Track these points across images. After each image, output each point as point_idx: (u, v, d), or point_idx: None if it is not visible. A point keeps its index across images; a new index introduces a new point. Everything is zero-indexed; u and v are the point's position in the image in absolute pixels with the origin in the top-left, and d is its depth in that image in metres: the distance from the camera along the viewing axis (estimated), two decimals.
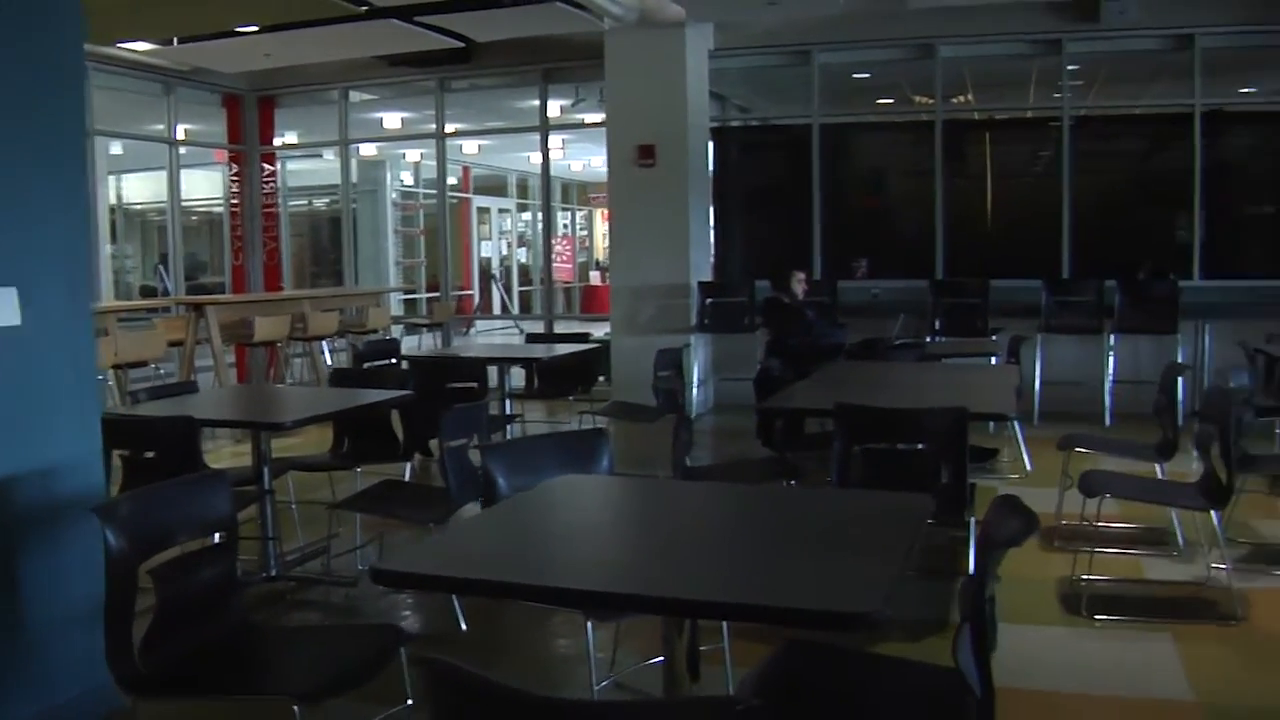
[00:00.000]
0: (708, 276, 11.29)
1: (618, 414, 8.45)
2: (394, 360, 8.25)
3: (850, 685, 3.03)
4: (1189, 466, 6.59)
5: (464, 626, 5.04)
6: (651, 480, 4.84)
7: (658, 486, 4.32)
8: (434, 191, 15.53)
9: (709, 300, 10.81)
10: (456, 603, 5.13)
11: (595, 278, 23.36)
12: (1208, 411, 5.44)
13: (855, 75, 12.62)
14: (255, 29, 11.06)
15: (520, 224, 23.39)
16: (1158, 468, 6.06)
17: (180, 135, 13.67)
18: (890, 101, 13.27)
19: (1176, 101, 11.22)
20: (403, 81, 13.49)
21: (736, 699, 1.79)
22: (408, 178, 20.13)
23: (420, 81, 13.27)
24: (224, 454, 8.99)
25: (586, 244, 25.23)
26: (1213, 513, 5.16)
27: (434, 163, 14.23)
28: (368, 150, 16.71)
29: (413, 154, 19.07)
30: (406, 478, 6.98)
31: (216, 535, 3.61)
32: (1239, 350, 8.17)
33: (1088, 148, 11.53)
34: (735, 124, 13.08)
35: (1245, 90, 12.36)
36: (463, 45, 11.97)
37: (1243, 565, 5.80)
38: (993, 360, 8.50)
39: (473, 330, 18.84)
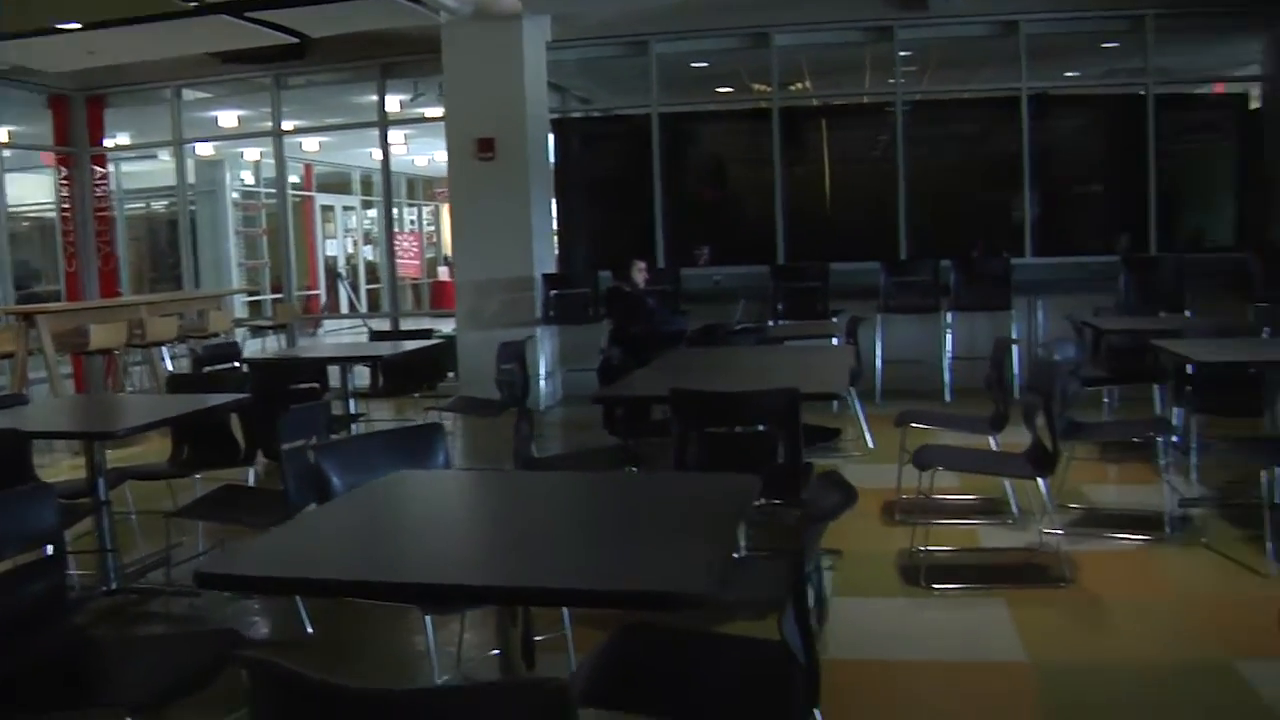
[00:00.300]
0: (551, 268, 11.26)
1: (464, 409, 8.39)
2: (235, 364, 8.05)
3: (683, 663, 3.04)
4: (1021, 437, 6.79)
5: (310, 629, 4.95)
6: (488, 473, 4.83)
7: (494, 479, 4.31)
8: (276, 190, 15.24)
9: (553, 292, 10.80)
10: (301, 606, 5.04)
11: (444, 273, 23.14)
12: (1033, 384, 5.61)
13: (694, 65, 12.72)
14: (78, 26, 10.69)
15: (366, 221, 23.06)
16: (991, 439, 6.22)
17: (3, 137, 13.17)
18: (730, 90, 13.40)
19: (1004, 86, 11.56)
20: (237, 79, 13.17)
21: (548, 680, 1.78)
22: (248, 177, 19.68)
23: (255, 78, 12.98)
24: (62, 467, 8.68)
25: (434, 239, 24.99)
26: (1040, 480, 5.31)
27: (274, 161, 13.95)
28: (205, 150, 16.29)
29: (252, 153, 18.65)
30: (251, 482, 6.82)
31: (49, 548, 3.48)
32: (1069, 324, 8.45)
33: (921, 132, 11.80)
34: (576, 115, 13.08)
35: (1070, 74, 12.77)
36: (297, 41, 11.73)
37: (1074, 530, 6.00)
38: (834, 341, 8.65)
39: (321, 330, 18.53)
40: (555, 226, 11.86)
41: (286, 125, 13.60)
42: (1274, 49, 10.99)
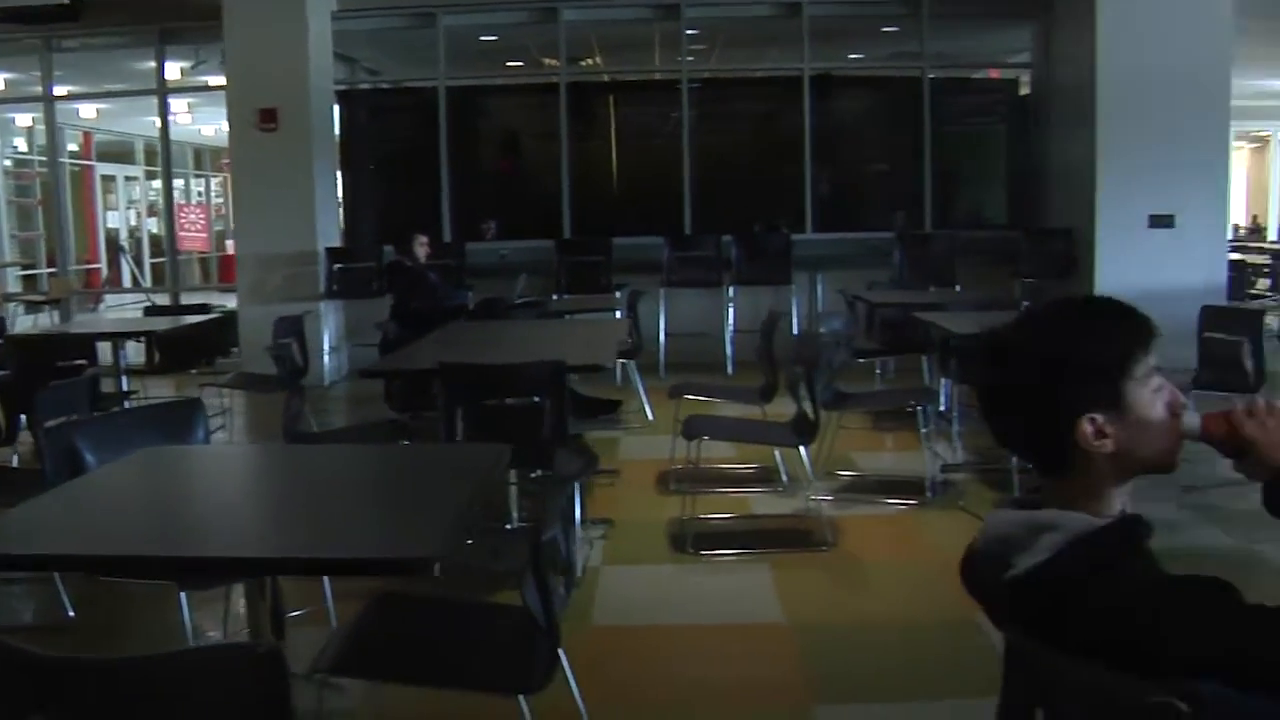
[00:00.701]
0: (336, 242, 11.05)
1: (243, 385, 8.19)
2: None
3: (432, 631, 3.05)
4: (792, 408, 6.97)
5: (70, 613, 4.77)
6: (248, 447, 4.72)
7: (253, 453, 4.25)
8: (47, 159, 14.55)
9: (337, 266, 10.60)
10: (61, 589, 4.86)
11: (231, 246, 22.47)
12: (798, 355, 5.76)
13: (483, 38, 12.62)
14: None
15: (151, 193, 22.24)
16: (762, 410, 6.36)
17: None
18: (519, 64, 13.35)
19: (788, 66, 11.78)
20: (3, 40, 12.51)
21: (251, 643, 1.77)
22: (22, 144, 18.76)
23: (24, 39, 12.35)
24: None
25: (223, 212, 24.26)
26: (803, 448, 5.47)
27: (45, 128, 13.29)
28: None
29: (24, 118, 17.77)
30: (15, 463, 6.55)
31: None
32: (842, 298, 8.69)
33: (708, 110, 11.97)
34: (364, 87, 12.85)
35: (852, 56, 13.13)
36: (68, 2, 11.22)
37: (841, 496, 6.21)
38: (616, 315, 8.73)
39: (103, 306, 17.80)
40: (341, 199, 11.64)
41: (59, 90, 13.00)
42: (1042, 38, 11.48)
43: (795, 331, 9.94)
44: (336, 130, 11.46)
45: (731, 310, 10.59)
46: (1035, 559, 1.74)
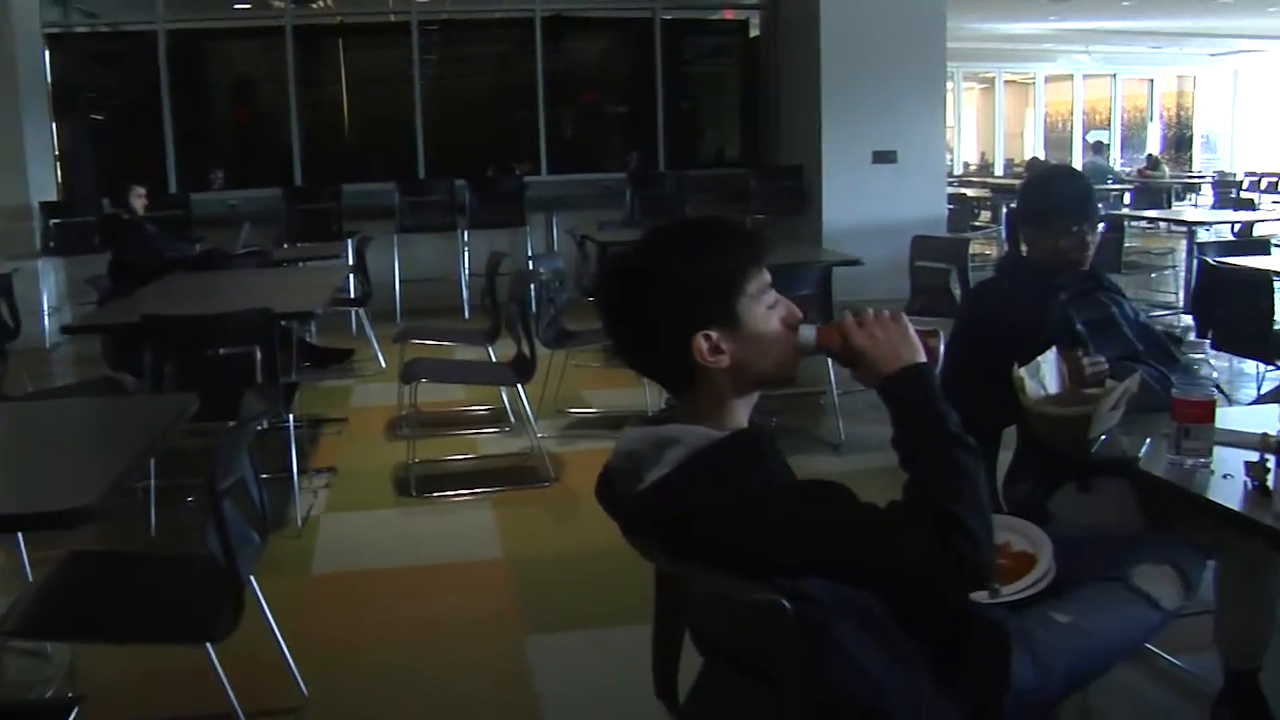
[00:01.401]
0: (52, 196, 10.54)
1: None
2: None
3: (119, 586, 3.03)
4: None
5: None
6: None
7: None
8: None
9: (53, 222, 10.10)
10: None
11: None
12: (513, 295, 5.83)
13: None
14: None
15: None
16: (488, 351, 6.42)
17: None
18: (247, 6, 12.94)
19: (519, 7, 11.77)
20: None
21: None
22: None
23: None
24: None
25: None
26: (520, 387, 5.56)
27: None
28: None
29: None
30: None
31: None
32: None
33: (440, 53, 11.88)
34: (80, 30, 12.23)
35: None
36: None
37: (567, 433, 6.35)
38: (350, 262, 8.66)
39: None
40: (57, 151, 11.08)
41: None
42: None
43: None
44: (48, 76, 10.88)
45: (466, 254, 10.59)
46: (660, 472, 1.84)
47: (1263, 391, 6.08)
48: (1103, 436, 2.57)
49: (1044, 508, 2.92)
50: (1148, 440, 2.57)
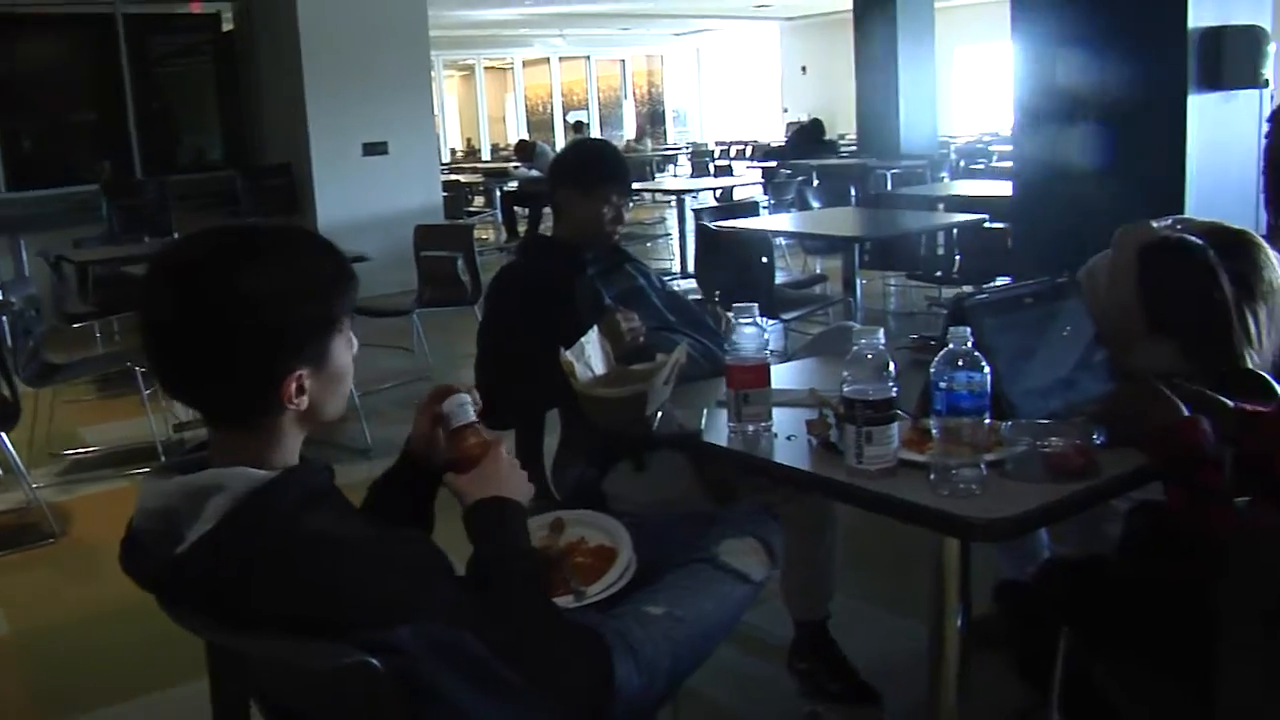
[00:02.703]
0: None
1: None
2: None
3: None
4: None
5: None
6: None
7: None
8: None
9: None
10: None
11: None
12: None
13: None
14: None
15: None
16: None
17: None
18: None
19: None
20: None
21: None
22: None
23: None
24: None
25: None
26: (3, 435, 4.90)
27: None
28: None
29: None
30: None
31: None
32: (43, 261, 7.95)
33: None
34: None
35: None
36: None
37: (68, 478, 5.71)
38: None
39: None
40: None
41: None
42: None
43: None
44: None
45: None
46: (204, 528, 1.54)
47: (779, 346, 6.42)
48: (659, 413, 2.48)
49: (598, 490, 2.86)
50: (704, 411, 2.50)
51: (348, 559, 1.55)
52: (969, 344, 1.93)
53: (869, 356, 1.99)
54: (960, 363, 1.91)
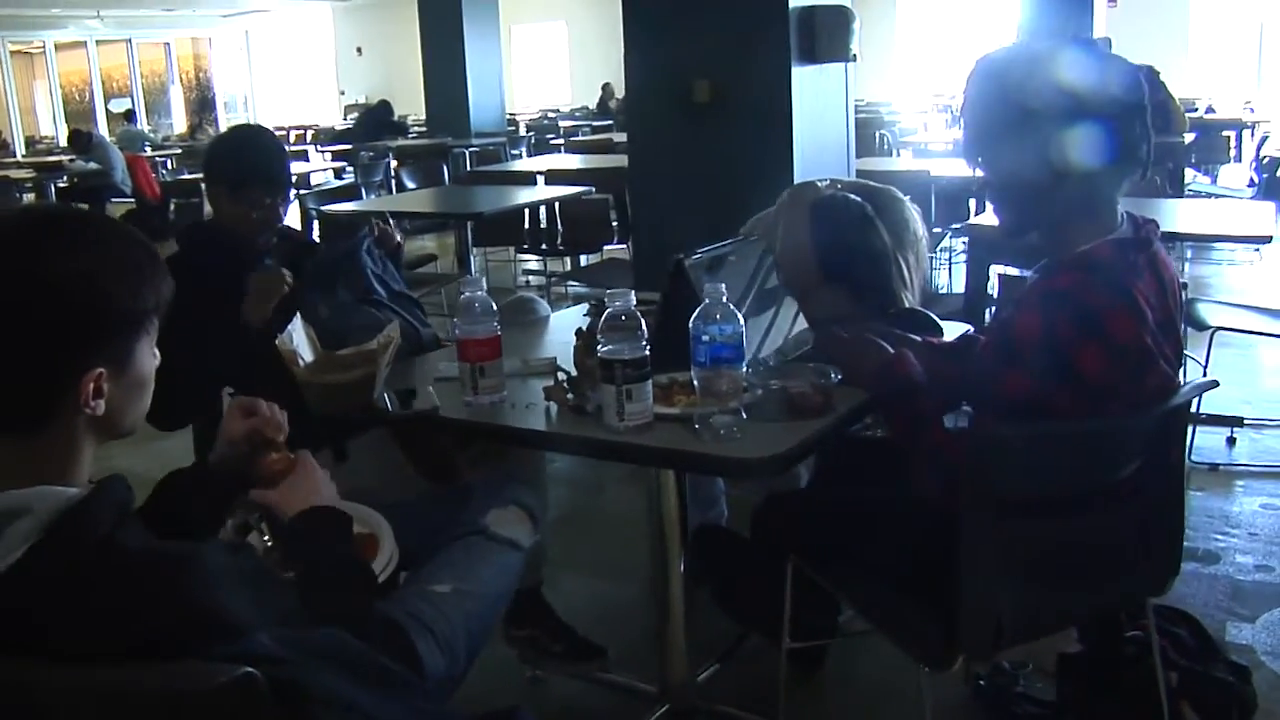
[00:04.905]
0: None
1: None
2: None
3: None
4: None
5: None
6: None
7: None
8: None
9: None
10: None
11: None
12: None
13: None
14: None
15: None
16: None
17: None
18: None
19: None
20: None
21: None
22: None
23: None
24: None
25: None
26: None
27: None
28: None
29: None
30: None
31: None
32: None
33: None
34: None
35: None
36: None
37: None
38: None
39: None
40: None
41: None
42: None
43: None
44: None
45: None
46: (12, 558, 1.35)
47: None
48: (385, 395, 2.50)
49: None
50: (430, 388, 2.55)
51: (186, 573, 1.41)
52: (723, 298, 2.09)
53: (623, 318, 2.11)
54: (718, 315, 2.07)
